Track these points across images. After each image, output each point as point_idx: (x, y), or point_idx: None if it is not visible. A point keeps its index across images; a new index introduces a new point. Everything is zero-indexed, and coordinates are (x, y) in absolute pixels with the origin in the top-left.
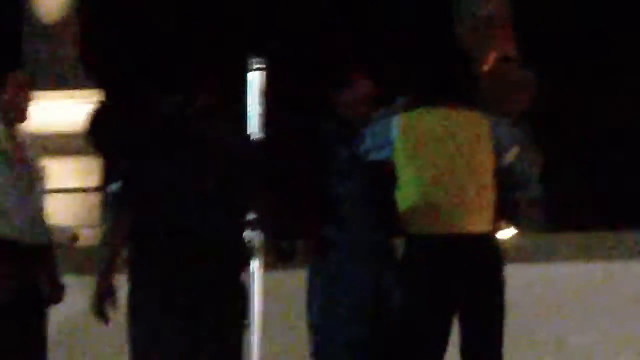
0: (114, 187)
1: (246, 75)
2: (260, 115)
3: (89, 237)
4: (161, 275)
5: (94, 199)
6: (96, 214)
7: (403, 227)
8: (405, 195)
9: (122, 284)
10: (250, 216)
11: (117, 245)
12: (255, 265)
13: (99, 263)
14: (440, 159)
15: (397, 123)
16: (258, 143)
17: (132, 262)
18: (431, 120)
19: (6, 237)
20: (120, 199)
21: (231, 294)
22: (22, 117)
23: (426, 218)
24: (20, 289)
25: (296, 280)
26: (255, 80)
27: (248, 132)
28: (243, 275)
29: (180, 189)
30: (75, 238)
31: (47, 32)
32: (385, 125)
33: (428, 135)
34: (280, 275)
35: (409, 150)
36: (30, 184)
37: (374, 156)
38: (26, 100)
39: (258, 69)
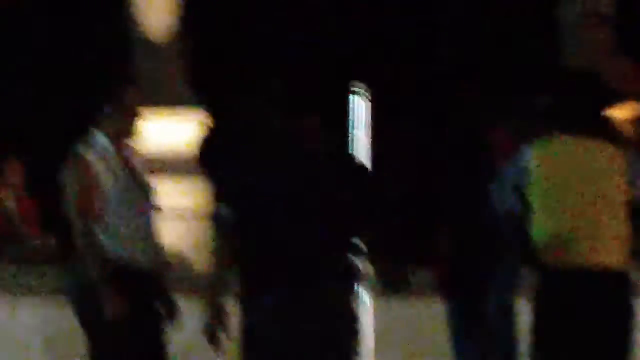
0: (222, 208)
1: (350, 99)
2: (366, 139)
3: (194, 259)
4: (271, 299)
5: (199, 220)
6: (202, 235)
7: (538, 259)
8: (541, 227)
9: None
10: (357, 241)
11: (225, 268)
12: (364, 292)
13: (208, 287)
14: (576, 190)
15: (531, 153)
16: (366, 166)
17: (241, 285)
18: (567, 150)
19: (122, 260)
20: (227, 221)
21: (338, 317)
22: (133, 133)
23: (562, 250)
24: (137, 309)
25: (408, 308)
26: (359, 104)
27: (355, 155)
28: (350, 299)
29: (288, 211)
30: (182, 260)
31: (154, 50)
32: (522, 154)
33: (564, 165)
34: (393, 303)
35: (545, 180)
36: (143, 204)
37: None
38: (137, 117)
39: (362, 94)
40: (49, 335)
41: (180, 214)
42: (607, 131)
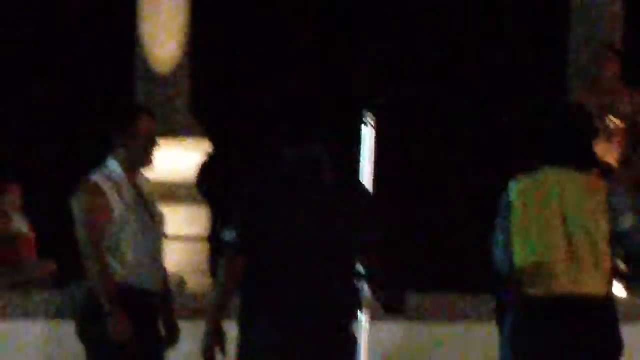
0: (227, 235)
1: (360, 129)
2: (371, 169)
3: (196, 283)
4: (273, 324)
5: (202, 246)
6: (203, 261)
7: (516, 288)
8: (522, 258)
9: (231, 329)
10: (358, 267)
11: (228, 292)
12: (362, 316)
13: (209, 308)
14: (555, 222)
15: (515, 186)
16: (371, 196)
17: (242, 309)
18: (548, 183)
19: (130, 284)
20: (233, 247)
21: (341, 343)
22: (148, 162)
23: (542, 279)
24: (141, 331)
25: (400, 331)
26: (368, 134)
27: (361, 186)
28: (353, 326)
29: (293, 239)
30: (182, 284)
31: (160, 79)
32: (505, 191)
33: (543, 198)
34: (385, 326)
35: (524, 213)
36: (154, 231)
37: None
38: (152, 147)
39: (370, 123)
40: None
41: (182, 240)
42: (591, 164)
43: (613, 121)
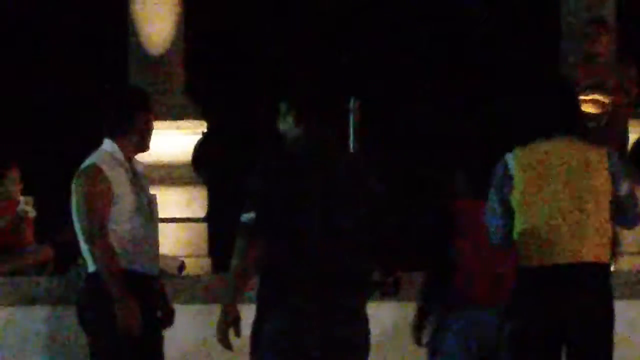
0: (245, 217)
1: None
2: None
3: (195, 266)
4: (288, 308)
5: (200, 228)
6: (202, 243)
7: (520, 259)
8: (524, 228)
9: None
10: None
11: (244, 275)
12: None
13: (226, 289)
14: (558, 190)
15: (514, 158)
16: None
17: (260, 293)
18: (548, 152)
19: (135, 270)
20: (250, 228)
21: (354, 326)
22: (145, 147)
23: (545, 249)
24: (143, 317)
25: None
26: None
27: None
28: (365, 308)
29: (307, 221)
30: (182, 267)
31: (153, 62)
32: (501, 164)
33: (545, 168)
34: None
35: (527, 184)
36: (151, 215)
37: (493, 196)
38: (150, 130)
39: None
40: (46, 345)
41: (179, 223)
42: (584, 132)
43: (600, 98)
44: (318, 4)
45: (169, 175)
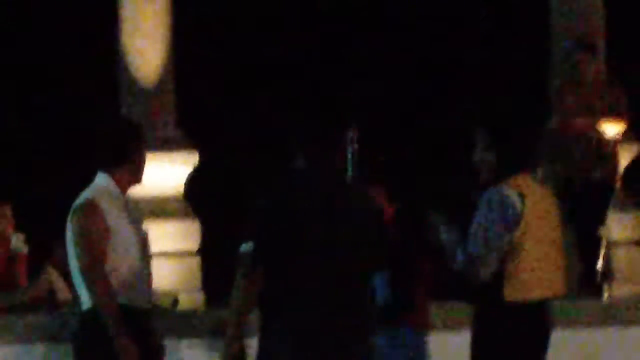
0: (244, 247)
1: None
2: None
3: (188, 301)
4: (290, 342)
5: (194, 261)
6: (195, 276)
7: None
8: (523, 265)
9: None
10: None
11: (245, 307)
12: None
13: (227, 324)
14: (551, 230)
15: (520, 199)
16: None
17: (261, 327)
18: (539, 192)
19: (129, 305)
20: (250, 259)
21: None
22: (138, 180)
23: (543, 283)
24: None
25: None
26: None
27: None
28: (371, 339)
29: (309, 252)
30: (176, 302)
31: (145, 94)
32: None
33: (544, 208)
34: None
35: (533, 225)
36: (143, 248)
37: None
38: (143, 163)
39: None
40: None
41: (173, 256)
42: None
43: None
44: (307, 35)
45: (162, 207)
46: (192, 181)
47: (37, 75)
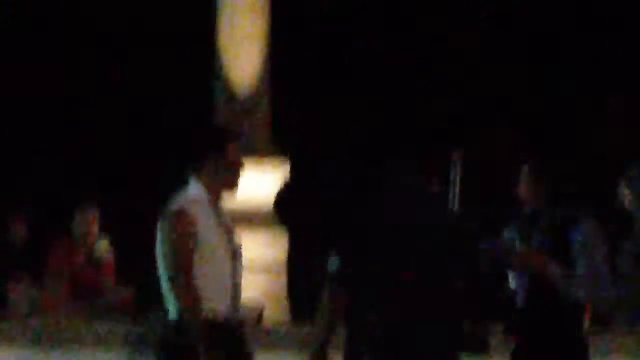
0: (331, 264)
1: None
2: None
3: (274, 313)
4: (374, 356)
5: (281, 274)
6: (282, 289)
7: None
8: None
9: None
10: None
11: (331, 325)
12: None
13: (313, 342)
14: None
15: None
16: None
17: (346, 343)
18: None
19: (220, 319)
20: (336, 277)
21: None
22: (234, 187)
23: None
24: None
25: None
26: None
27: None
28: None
29: (393, 270)
30: (261, 316)
31: (240, 104)
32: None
33: None
34: None
35: None
36: (235, 259)
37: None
38: (239, 171)
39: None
40: None
41: (261, 266)
42: None
43: None
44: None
45: (250, 218)
46: (281, 192)
47: (133, 81)
